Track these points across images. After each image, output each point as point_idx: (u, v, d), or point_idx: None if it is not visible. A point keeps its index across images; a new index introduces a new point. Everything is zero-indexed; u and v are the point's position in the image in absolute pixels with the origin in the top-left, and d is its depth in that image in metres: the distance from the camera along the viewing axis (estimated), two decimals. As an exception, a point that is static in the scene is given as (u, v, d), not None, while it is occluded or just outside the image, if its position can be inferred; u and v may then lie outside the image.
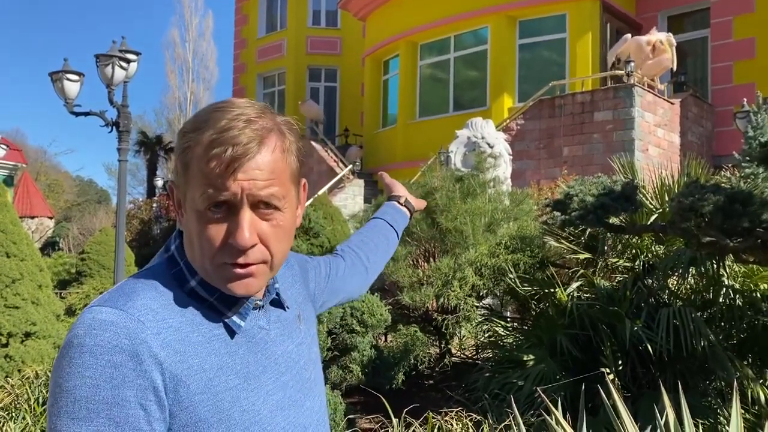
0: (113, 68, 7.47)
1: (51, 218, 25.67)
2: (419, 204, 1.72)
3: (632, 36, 13.50)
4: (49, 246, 21.81)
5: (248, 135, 0.88)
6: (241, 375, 0.93)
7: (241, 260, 0.90)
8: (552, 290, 4.90)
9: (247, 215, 0.89)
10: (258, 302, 1.00)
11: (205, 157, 0.87)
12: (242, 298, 0.96)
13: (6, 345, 5.19)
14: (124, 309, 0.85)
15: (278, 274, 1.09)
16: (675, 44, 13.27)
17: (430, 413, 3.87)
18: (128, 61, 7.69)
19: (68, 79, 7.57)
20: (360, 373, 5.36)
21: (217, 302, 0.95)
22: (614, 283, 4.88)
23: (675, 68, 13.58)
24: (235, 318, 0.96)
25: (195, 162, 0.88)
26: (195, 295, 0.95)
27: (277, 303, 1.07)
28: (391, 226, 1.58)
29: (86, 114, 7.75)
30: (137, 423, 0.81)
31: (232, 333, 0.95)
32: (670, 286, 4.80)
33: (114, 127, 7.77)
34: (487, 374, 4.83)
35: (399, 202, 1.64)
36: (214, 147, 0.86)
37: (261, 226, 0.91)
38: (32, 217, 23.01)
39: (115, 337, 0.82)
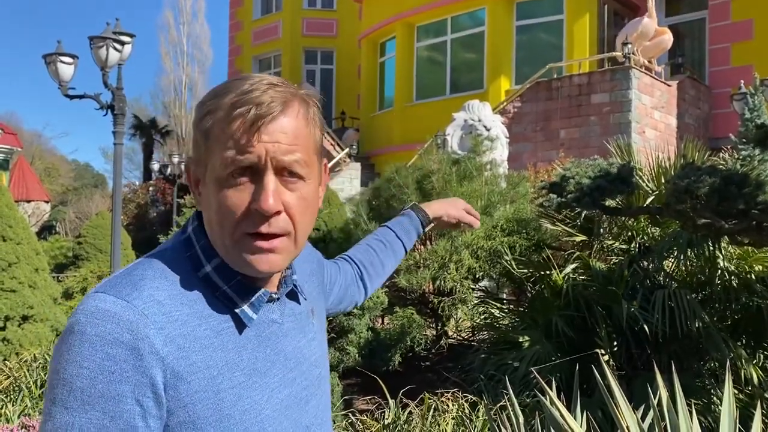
0: (107, 50, 7.40)
1: (47, 202, 25.64)
2: (441, 212, 1.58)
3: (630, 19, 13.43)
4: (46, 230, 21.81)
5: (271, 95, 0.85)
6: (247, 372, 0.88)
7: (264, 229, 0.85)
8: (548, 272, 4.91)
9: (272, 179, 0.85)
10: (273, 295, 0.94)
11: (228, 118, 0.84)
12: (257, 289, 0.92)
13: (3, 329, 5.20)
14: (129, 300, 0.81)
15: (297, 265, 1.03)
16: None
17: (426, 394, 3.89)
18: (122, 43, 7.62)
19: (62, 62, 7.50)
20: (357, 354, 5.39)
21: (231, 291, 0.90)
22: (610, 265, 4.90)
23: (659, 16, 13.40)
24: (247, 309, 0.90)
25: (216, 126, 0.85)
26: (208, 282, 0.89)
27: (293, 295, 1.02)
28: (399, 238, 1.50)
29: (81, 97, 7.68)
30: (132, 418, 0.78)
31: (241, 326, 0.90)
32: (666, 268, 4.81)
33: (109, 111, 7.72)
34: (483, 356, 4.86)
35: (417, 215, 1.53)
36: (237, 107, 0.84)
37: (285, 195, 0.87)
38: (28, 201, 22.99)
39: (117, 329, 0.79)
